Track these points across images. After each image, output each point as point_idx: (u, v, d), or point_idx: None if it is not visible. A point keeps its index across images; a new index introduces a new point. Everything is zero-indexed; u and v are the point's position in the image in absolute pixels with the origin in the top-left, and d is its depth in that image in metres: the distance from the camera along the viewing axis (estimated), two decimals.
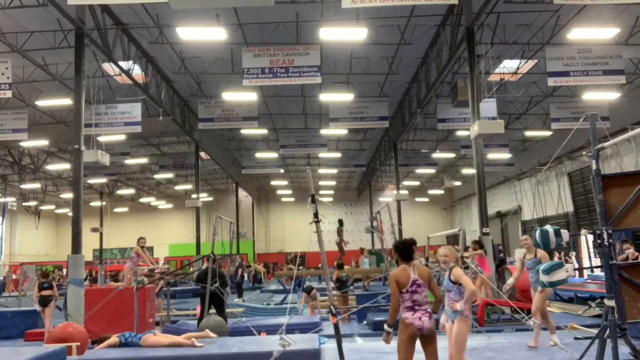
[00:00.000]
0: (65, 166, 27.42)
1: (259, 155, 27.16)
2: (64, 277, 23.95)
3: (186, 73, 16.91)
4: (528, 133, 24.14)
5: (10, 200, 35.12)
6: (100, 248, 35.81)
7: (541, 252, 7.43)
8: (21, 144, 21.14)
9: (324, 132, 21.86)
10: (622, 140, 6.32)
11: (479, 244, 11.41)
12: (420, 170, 30.28)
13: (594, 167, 5.24)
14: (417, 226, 37.52)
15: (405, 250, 4.89)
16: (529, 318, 7.50)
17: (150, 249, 34.93)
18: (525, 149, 27.57)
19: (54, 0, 10.86)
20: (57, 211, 43.14)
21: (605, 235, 4.99)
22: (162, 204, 41.91)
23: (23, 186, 32.16)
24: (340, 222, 17.34)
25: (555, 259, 12.93)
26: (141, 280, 11.49)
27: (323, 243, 5.89)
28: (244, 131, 22.85)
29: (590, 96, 17.35)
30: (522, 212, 29.07)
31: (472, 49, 12.67)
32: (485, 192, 12.76)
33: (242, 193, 39.44)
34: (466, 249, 12.09)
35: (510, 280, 7.91)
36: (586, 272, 17.95)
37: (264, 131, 23.54)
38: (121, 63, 14.37)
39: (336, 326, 5.62)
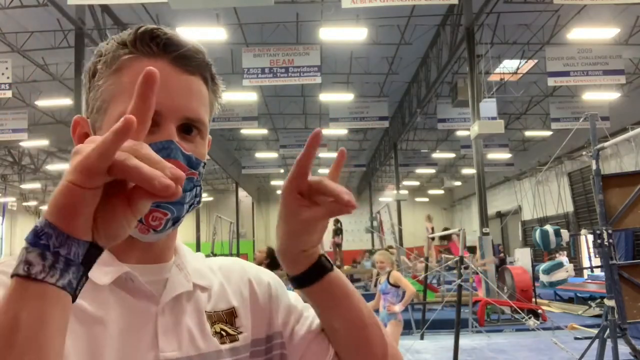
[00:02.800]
0: (65, 166, 27.41)
1: (259, 155, 27.17)
2: None
3: None
4: (528, 133, 24.13)
5: (10, 200, 35.14)
6: None
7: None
8: (21, 144, 21.15)
9: (324, 132, 21.75)
10: (622, 140, 6.33)
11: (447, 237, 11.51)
12: (420, 170, 30.28)
13: (594, 167, 5.25)
14: (417, 226, 37.51)
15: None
16: (529, 318, 7.50)
17: None
18: (525, 149, 27.57)
19: (54, 0, 10.87)
20: None
21: (605, 235, 4.99)
22: None
23: (23, 186, 32.18)
24: (337, 221, 17.25)
25: (560, 257, 12.94)
26: None
27: (323, 243, 5.91)
28: (244, 131, 22.86)
29: (590, 96, 17.35)
30: (522, 212, 29.08)
31: (472, 49, 12.67)
32: (485, 192, 12.77)
33: (242, 193, 39.45)
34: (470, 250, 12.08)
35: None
36: (586, 272, 17.96)
37: (264, 131, 23.55)
38: None
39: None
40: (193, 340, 0.76)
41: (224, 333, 0.80)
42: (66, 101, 16.81)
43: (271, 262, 5.42)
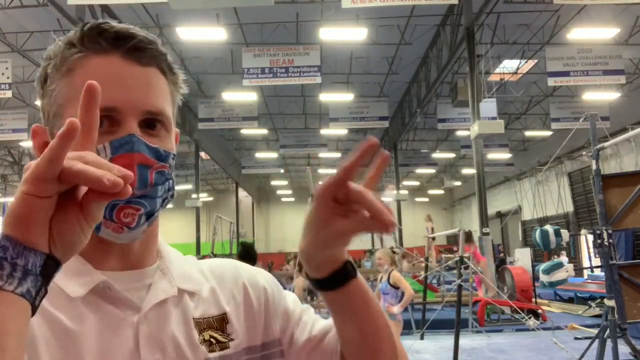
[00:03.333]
0: None
1: (259, 155, 27.16)
2: None
3: (186, 73, 16.86)
4: (528, 133, 24.14)
5: (10, 200, 35.13)
6: None
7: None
8: (21, 144, 21.14)
9: (324, 132, 21.86)
10: (622, 140, 6.34)
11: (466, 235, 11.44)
12: (420, 170, 30.28)
13: (594, 167, 5.25)
14: (417, 226, 37.51)
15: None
16: (529, 318, 7.50)
17: None
18: (525, 149, 27.57)
19: (54, 0, 10.87)
20: None
21: (605, 235, 4.99)
22: None
23: None
24: None
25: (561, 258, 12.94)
26: None
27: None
28: (244, 131, 22.86)
29: (590, 96, 17.35)
30: (522, 212, 29.08)
31: (472, 49, 12.67)
32: (485, 192, 12.77)
33: (242, 193, 39.46)
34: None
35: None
36: (586, 272, 17.96)
37: (264, 131, 23.55)
38: None
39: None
40: (178, 349, 0.72)
41: (213, 340, 0.77)
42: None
43: (244, 259, 5.42)
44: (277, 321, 0.84)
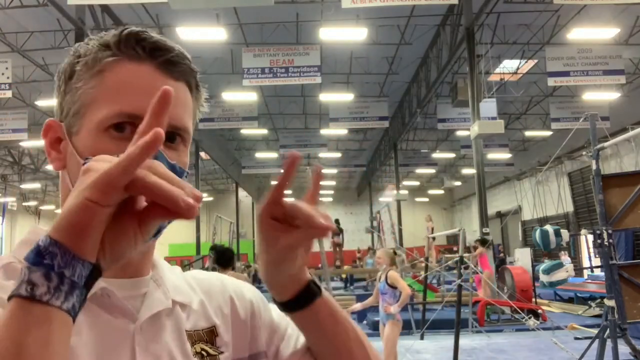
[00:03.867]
0: None
1: (259, 155, 27.16)
2: None
3: None
4: (528, 133, 24.14)
5: (10, 200, 35.14)
6: None
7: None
8: (21, 144, 21.15)
9: (324, 132, 21.87)
10: (622, 140, 6.34)
11: (480, 242, 11.41)
12: (420, 170, 30.29)
13: (594, 167, 5.25)
14: (417, 226, 37.51)
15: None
16: (529, 318, 7.50)
17: None
18: (525, 149, 27.57)
19: (54, 0, 10.87)
20: (57, 211, 42.77)
21: (605, 235, 4.99)
22: None
23: (23, 186, 32.18)
24: (337, 221, 17.28)
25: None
26: None
27: (323, 243, 5.92)
28: (244, 131, 22.86)
29: (590, 96, 17.35)
30: (522, 212, 29.08)
31: (472, 49, 12.67)
32: (485, 192, 12.77)
33: (242, 193, 39.46)
34: (467, 249, 12.10)
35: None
36: (586, 272, 17.97)
37: (264, 131, 23.55)
38: None
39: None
40: None
41: (204, 353, 0.76)
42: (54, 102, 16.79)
43: (217, 261, 5.47)
44: (263, 334, 0.84)
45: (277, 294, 0.73)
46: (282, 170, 0.69)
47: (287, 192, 0.67)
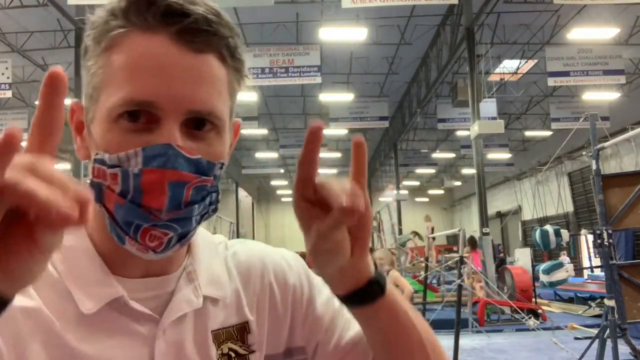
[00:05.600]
0: (65, 166, 27.44)
1: (259, 155, 27.17)
2: None
3: None
4: (528, 133, 24.14)
5: None
6: None
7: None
8: (21, 144, 21.13)
9: (324, 132, 21.80)
10: (622, 140, 6.34)
11: (469, 242, 11.43)
12: (420, 170, 30.29)
13: (594, 167, 5.25)
14: (417, 226, 37.48)
15: None
16: (529, 318, 7.50)
17: None
18: (525, 149, 27.57)
19: (54, 0, 10.87)
20: None
21: (605, 235, 4.99)
22: None
23: None
24: None
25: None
26: None
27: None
28: (244, 131, 22.82)
29: (590, 96, 17.34)
30: (522, 212, 29.08)
31: (472, 49, 12.68)
32: (485, 192, 12.77)
33: (242, 193, 39.46)
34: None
35: None
36: (586, 272, 17.96)
37: (264, 131, 23.55)
38: None
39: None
40: None
41: (232, 354, 0.69)
42: (66, 101, 16.78)
43: None
44: (303, 327, 0.75)
45: (330, 285, 0.63)
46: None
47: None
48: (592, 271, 16.66)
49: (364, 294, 0.61)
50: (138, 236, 0.58)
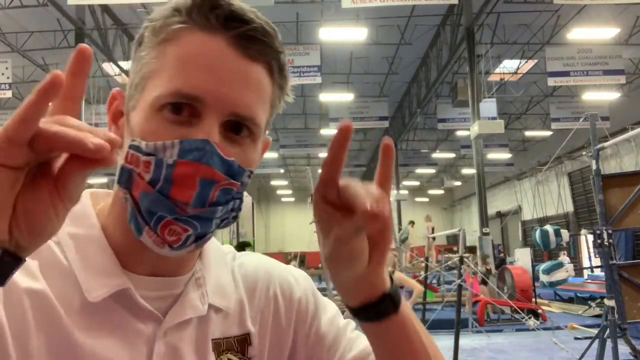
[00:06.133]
0: None
1: None
2: None
3: None
4: (528, 133, 24.14)
5: None
6: None
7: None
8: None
9: (324, 132, 21.87)
10: (622, 140, 6.34)
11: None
12: (420, 170, 30.29)
13: (594, 167, 5.25)
14: (417, 226, 37.47)
15: None
16: (529, 318, 7.50)
17: None
18: (525, 149, 27.58)
19: (54, 0, 10.87)
20: None
21: (605, 235, 4.99)
22: None
23: None
24: None
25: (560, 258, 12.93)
26: None
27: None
28: None
29: (590, 96, 17.35)
30: (522, 212, 29.09)
31: (472, 49, 12.68)
32: (485, 192, 12.78)
33: None
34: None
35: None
36: (586, 272, 17.96)
37: None
38: (121, 63, 14.38)
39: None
40: None
41: None
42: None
43: None
44: (307, 343, 0.74)
45: (343, 296, 0.61)
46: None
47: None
48: (592, 271, 16.66)
49: (377, 308, 0.60)
50: (158, 228, 0.58)
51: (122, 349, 0.61)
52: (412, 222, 17.86)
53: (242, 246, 5.45)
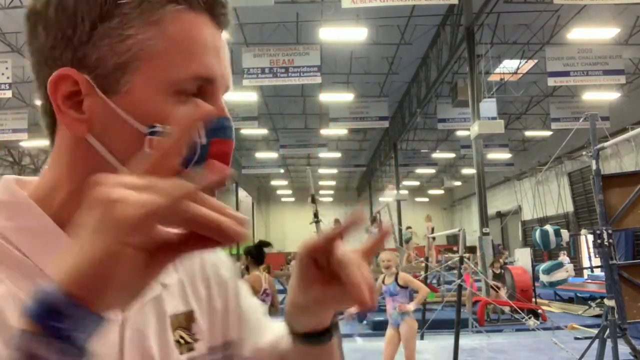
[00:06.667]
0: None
1: (259, 155, 27.16)
2: None
3: None
4: (528, 133, 24.15)
5: None
6: None
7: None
8: (21, 144, 21.13)
9: (324, 132, 21.87)
10: (622, 140, 6.34)
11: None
12: (420, 170, 30.29)
13: (594, 167, 5.25)
14: (417, 226, 37.46)
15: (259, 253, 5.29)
16: (529, 318, 7.50)
17: None
18: (525, 149, 27.58)
19: None
20: None
21: (605, 235, 4.99)
22: None
23: None
24: (337, 222, 17.26)
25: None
26: None
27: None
28: (244, 131, 22.83)
29: (590, 96, 17.35)
30: (522, 212, 29.08)
31: (472, 49, 12.68)
32: (485, 192, 12.78)
33: (242, 193, 39.45)
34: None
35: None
36: (586, 272, 17.97)
37: (264, 131, 23.55)
38: None
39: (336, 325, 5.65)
40: (159, 352, 0.65)
41: (182, 341, 0.68)
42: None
43: (254, 259, 5.45)
44: (235, 322, 0.77)
45: (290, 321, 0.67)
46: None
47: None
48: (592, 271, 16.66)
49: (319, 338, 0.65)
50: None
51: (95, 339, 0.60)
52: (409, 227, 17.91)
53: (260, 246, 5.40)
